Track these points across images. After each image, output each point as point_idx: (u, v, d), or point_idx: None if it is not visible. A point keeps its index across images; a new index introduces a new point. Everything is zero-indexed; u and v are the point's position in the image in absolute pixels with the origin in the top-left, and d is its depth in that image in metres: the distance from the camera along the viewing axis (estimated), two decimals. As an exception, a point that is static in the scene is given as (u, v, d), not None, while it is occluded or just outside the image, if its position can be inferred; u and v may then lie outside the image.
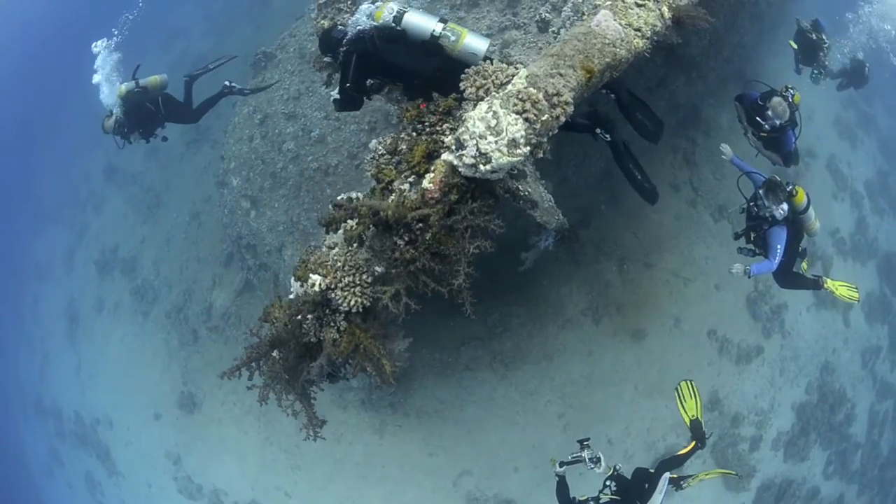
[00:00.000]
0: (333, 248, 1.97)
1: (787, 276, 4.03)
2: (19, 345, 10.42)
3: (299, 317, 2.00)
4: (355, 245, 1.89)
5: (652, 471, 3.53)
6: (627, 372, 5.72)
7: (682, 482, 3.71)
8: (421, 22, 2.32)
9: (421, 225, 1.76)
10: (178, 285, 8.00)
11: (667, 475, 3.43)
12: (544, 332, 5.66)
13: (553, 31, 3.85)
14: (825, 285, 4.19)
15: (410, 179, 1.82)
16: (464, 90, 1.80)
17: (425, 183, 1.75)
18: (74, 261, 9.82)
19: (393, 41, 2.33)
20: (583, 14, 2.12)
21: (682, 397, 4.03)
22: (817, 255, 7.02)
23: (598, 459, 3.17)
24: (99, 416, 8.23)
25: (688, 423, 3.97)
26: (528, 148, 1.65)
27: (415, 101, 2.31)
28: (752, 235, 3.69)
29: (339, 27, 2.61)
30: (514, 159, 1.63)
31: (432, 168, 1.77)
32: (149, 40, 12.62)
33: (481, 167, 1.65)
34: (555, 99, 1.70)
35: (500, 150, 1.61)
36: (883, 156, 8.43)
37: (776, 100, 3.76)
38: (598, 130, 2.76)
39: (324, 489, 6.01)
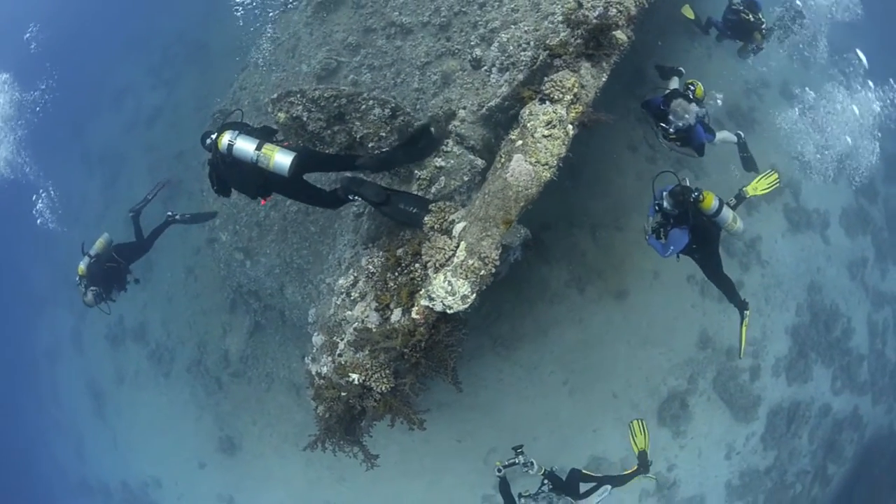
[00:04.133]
0: (361, 353, 3.28)
1: (717, 277, 4.72)
2: (50, 432, 11.90)
3: (348, 399, 3.34)
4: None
5: (585, 471, 4.65)
6: (618, 330, 6.97)
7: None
8: (244, 148, 3.37)
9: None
10: (191, 340, 9.35)
11: (608, 487, 4.44)
12: (535, 310, 6.92)
13: (485, 70, 4.96)
14: (746, 312, 4.73)
15: (402, 309, 3.17)
16: (426, 261, 3.09)
17: (413, 314, 3.08)
18: (83, 340, 11.22)
19: (230, 165, 3.48)
20: (501, 160, 3.17)
21: (633, 433, 5.11)
22: (784, 182, 8.17)
23: (532, 463, 4.30)
24: (146, 480, 9.66)
25: (636, 452, 5.01)
26: (475, 295, 2.94)
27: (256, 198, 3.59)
28: (661, 232, 4.42)
29: (208, 140, 3.63)
30: (468, 305, 2.96)
31: (415, 302, 3.12)
32: (98, 101, 13.97)
33: (447, 311, 3.01)
34: (486, 259, 2.96)
35: (457, 303, 2.96)
36: (837, 69, 9.49)
37: (675, 102, 4.43)
38: (349, 197, 3.56)
39: (371, 493, 7.37)
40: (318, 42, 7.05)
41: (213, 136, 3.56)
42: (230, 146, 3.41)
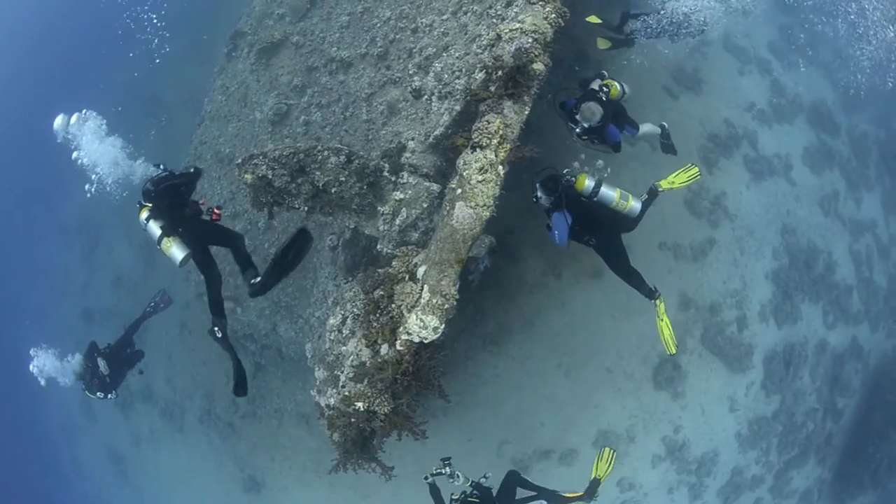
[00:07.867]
0: (361, 384, 4.15)
1: (620, 268, 5.05)
2: (77, 506, 12.88)
3: (358, 423, 4.22)
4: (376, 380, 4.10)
5: (525, 477, 5.23)
6: (600, 307, 7.80)
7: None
8: (152, 233, 4.32)
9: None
10: (197, 391, 10.25)
11: (543, 503, 4.98)
12: (517, 302, 7.76)
13: (426, 98, 5.76)
14: (657, 300, 4.97)
15: (388, 343, 4.01)
16: (399, 304, 3.94)
17: (398, 346, 3.90)
18: (93, 411, 12.15)
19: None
20: (447, 208, 3.97)
21: (600, 458, 5.57)
22: (740, 135, 8.99)
23: (457, 475, 5.02)
24: (179, 534, 10.59)
25: (590, 478, 5.43)
26: (443, 326, 3.77)
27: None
28: (548, 222, 4.84)
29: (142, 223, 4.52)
30: (438, 334, 3.79)
31: (397, 337, 3.92)
32: (61, 171, 14.84)
33: (423, 341, 3.86)
34: (447, 296, 3.80)
35: (430, 334, 3.79)
36: (780, 11, 10.27)
37: (584, 105, 4.98)
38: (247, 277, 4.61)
39: (395, 505, 8.24)
40: (266, 88, 7.92)
41: (137, 205, 4.53)
42: (159, 240, 4.42)
